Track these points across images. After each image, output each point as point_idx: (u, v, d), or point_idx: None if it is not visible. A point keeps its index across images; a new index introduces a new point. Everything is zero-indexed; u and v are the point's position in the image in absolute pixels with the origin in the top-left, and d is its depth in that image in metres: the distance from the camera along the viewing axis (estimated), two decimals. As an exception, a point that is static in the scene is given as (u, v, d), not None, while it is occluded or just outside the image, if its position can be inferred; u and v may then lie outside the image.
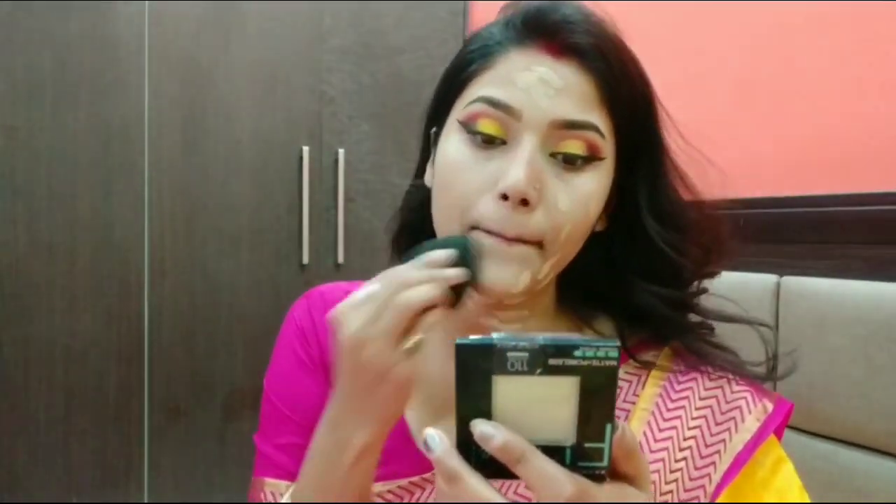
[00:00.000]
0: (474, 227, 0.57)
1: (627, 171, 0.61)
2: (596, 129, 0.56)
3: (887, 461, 1.10)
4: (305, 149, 1.95)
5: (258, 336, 1.91)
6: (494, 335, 0.40)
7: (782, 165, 1.43)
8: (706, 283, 0.66)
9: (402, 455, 0.64)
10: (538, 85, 0.55)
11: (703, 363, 0.64)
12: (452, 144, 0.59)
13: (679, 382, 0.64)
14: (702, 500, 0.60)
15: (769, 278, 1.28)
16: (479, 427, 0.40)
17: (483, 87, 0.58)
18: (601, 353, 0.39)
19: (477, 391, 0.40)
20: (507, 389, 0.40)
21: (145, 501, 1.82)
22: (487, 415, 0.41)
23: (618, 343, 0.39)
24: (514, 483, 0.58)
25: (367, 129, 2.03)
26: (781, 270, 1.28)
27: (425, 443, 0.43)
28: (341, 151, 2.00)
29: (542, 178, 0.55)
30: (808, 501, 0.62)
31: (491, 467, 0.41)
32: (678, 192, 0.62)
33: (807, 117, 1.40)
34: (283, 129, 1.94)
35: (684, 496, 0.60)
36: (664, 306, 0.62)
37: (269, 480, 0.68)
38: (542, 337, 0.39)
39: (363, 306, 0.52)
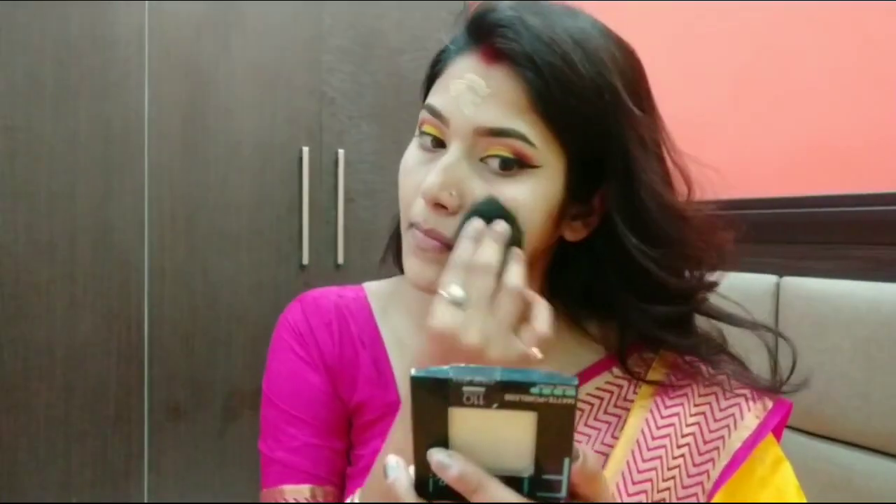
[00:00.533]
0: (411, 225, 0.59)
1: (591, 180, 0.59)
2: (521, 136, 0.55)
3: (887, 461, 1.10)
4: (305, 149, 1.95)
5: (258, 336, 1.91)
6: (451, 368, 0.40)
7: (782, 165, 1.43)
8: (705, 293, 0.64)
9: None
10: (465, 92, 0.56)
11: (696, 376, 0.64)
12: (410, 147, 0.62)
13: (678, 381, 0.64)
14: (700, 497, 0.60)
15: (769, 278, 1.28)
16: (436, 456, 0.41)
17: (432, 93, 0.60)
18: (558, 392, 0.39)
19: (433, 422, 0.41)
20: (463, 421, 0.40)
21: (145, 501, 1.82)
22: (444, 444, 0.41)
23: (576, 382, 0.39)
24: None
25: (367, 129, 2.03)
26: (781, 270, 1.28)
27: (384, 469, 0.44)
28: (341, 151, 1.99)
29: (462, 184, 0.56)
30: (805, 501, 0.62)
31: (449, 494, 0.42)
32: (662, 202, 0.59)
33: (806, 117, 1.40)
34: (283, 129, 1.94)
35: (682, 493, 0.60)
36: (652, 324, 0.61)
37: (289, 487, 0.66)
38: (499, 372, 0.39)
39: (471, 306, 0.51)
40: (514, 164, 0.56)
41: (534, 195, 0.57)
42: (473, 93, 0.56)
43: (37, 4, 1.68)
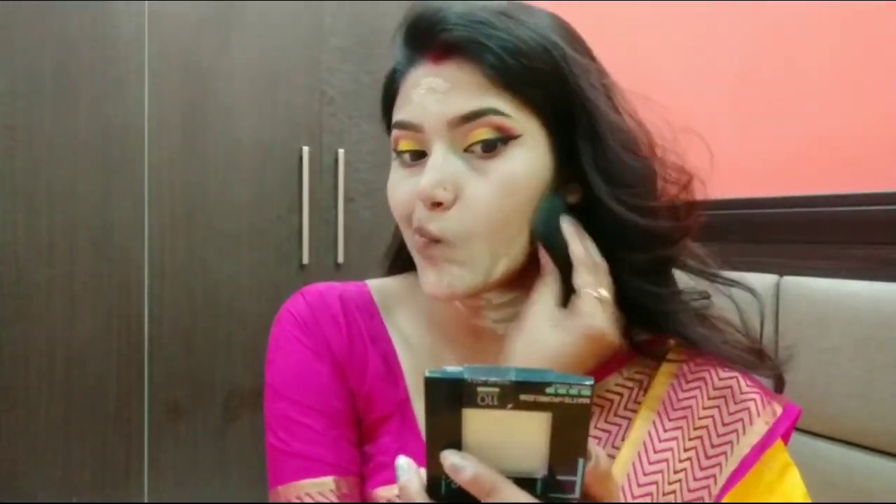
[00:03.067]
0: (415, 232, 0.60)
1: (570, 140, 0.60)
2: (494, 111, 0.57)
3: (887, 461, 1.10)
4: (305, 149, 1.95)
5: (258, 336, 1.91)
6: (465, 368, 0.40)
7: (782, 165, 1.43)
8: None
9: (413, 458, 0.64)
10: (427, 95, 0.58)
11: (699, 351, 0.63)
12: (392, 170, 0.63)
13: (687, 382, 0.64)
14: (706, 501, 0.60)
15: (769, 278, 1.28)
16: (450, 459, 0.41)
17: (395, 112, 0.62)
18: (574, 391, 0.39)
19: (447, 423, 0.40)
20: (477, 422, 0.40)
21: (145, 501, 1.82)
22: (458, 446, 0.41)
23: (591, 382, 0.39)
24: None
25: (367, 129, 2.03)
26: (781, 270, 1.28)
27: (395, 470, 0.44)
28: (341, 151, 1.99)
29: (454, 178, 0.57)
30: None
31: (461, 496, 0.41)
32: (627, 148, 0.60)
33: (806, 117, 1.40)
34: (283, 129, 1.94)
35: (688, 496, 0.60)
36: (631, 272, 0.60)
37: (310, 481, 0.63)
38: (514, 372, 0.39)
39: (607, 307, 0.59)
40: (497, 143, 0.57)
41: (525, 165, 0.58)
42: (434, 92, 0.58)
43: (37, 4, 1.68)
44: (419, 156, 0.60)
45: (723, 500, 0.59)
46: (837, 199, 1.27)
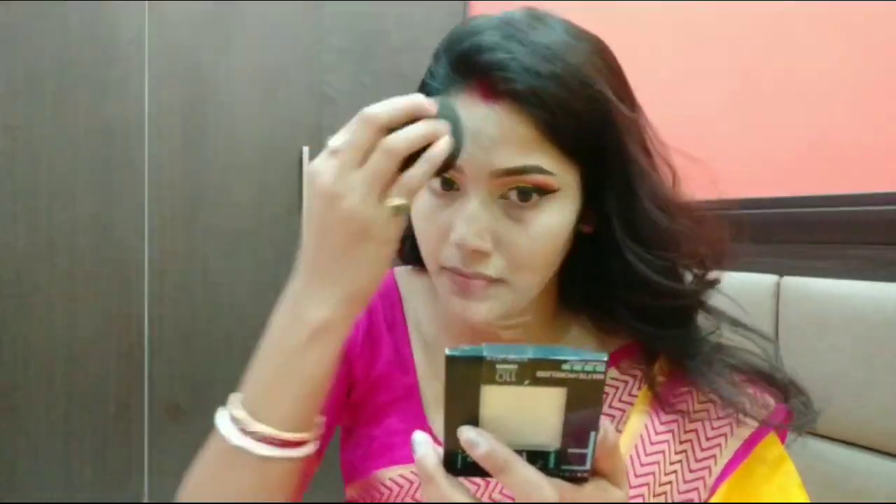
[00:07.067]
0: (443, 268, 0.59)
1: (599, 191, 0.59)
2: (539, 170, 0.55)
3: (887, 461, 1.10)
4: (305, 149, 1.95)
5: (258, 336, 1.90)
6: (485, 347, 0.41)
7: (782, 165, 1.43)
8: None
9: None
10: (473, 137, 0.55)
11: (692, 381, 0.63)
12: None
13: (681, 379, 0.64)
14: (700, 493, 0.60)
15: (769, 278, 1.28)
16: (466, 434, 0.42)
17: None
18: (589, 368, 0.40)
19: (465, 399, 0.42)
20: (494, 398, 0.42)
21: (145, 501, 1.82)
22: (475, 421, 0.42)
23: (605, 358, 0.40)
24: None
25: (367, 129, 2.03)
26: (781, 270, 1.28)
27: (412, 444, 0.45)
28: (341, 151, 1.99)
29: (492, 226, 0.56)
30: (808, 499, 0.62)
31: (476, 469, 0.43)
32: (657, 205, 0.59)
33: (807, 117, 1.40)
34: (283, 129, 1.94)
35: (683, 488, 0.61)
36: (644, 320, 0.62)
37: None
38: (531, 350, 0.41)
39: (339, 154, 0.50)
40: (534, 193, 0.56)
41: (560, 217, 0.57)
42: (482, 135, 0.55)
43: (37, 4, 1.68)
44: (450, 185, 0.58)
45: (717, 492, 0.60)
46: (837, 199, 1.27)
